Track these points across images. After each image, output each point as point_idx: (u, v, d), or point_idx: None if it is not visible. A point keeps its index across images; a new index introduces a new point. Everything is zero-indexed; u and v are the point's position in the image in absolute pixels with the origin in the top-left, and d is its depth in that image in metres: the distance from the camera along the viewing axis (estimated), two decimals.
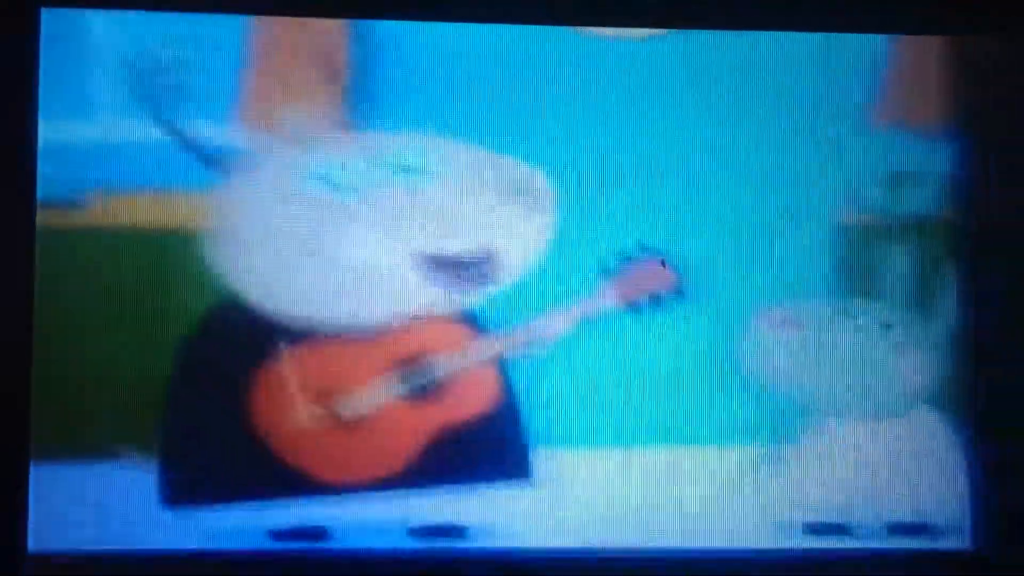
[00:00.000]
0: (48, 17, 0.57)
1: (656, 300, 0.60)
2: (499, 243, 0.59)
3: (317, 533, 0.57)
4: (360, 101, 0.59)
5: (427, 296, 0.58)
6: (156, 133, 0.57)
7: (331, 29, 0.59)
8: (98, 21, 0.57)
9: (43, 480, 0.56)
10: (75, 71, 0.57)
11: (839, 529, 0.59)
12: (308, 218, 0.58)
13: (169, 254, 0.57)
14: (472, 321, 0.59)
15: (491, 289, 0.59)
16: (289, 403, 0.57)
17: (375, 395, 0.58)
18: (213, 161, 0.58)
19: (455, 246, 0.59)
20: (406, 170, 0.59)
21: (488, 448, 0.58)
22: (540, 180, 0.59)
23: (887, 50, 0.61)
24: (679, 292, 0.60)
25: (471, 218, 0.59)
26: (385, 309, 0.58)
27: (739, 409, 0.59)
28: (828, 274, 0.60)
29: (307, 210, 0.58)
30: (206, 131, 0.57)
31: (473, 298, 0.58)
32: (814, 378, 0.60)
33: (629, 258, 0.59)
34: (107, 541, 0.56)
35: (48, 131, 0.56)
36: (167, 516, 0.56)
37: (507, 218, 0.59)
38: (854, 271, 0.60)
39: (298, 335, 0.57)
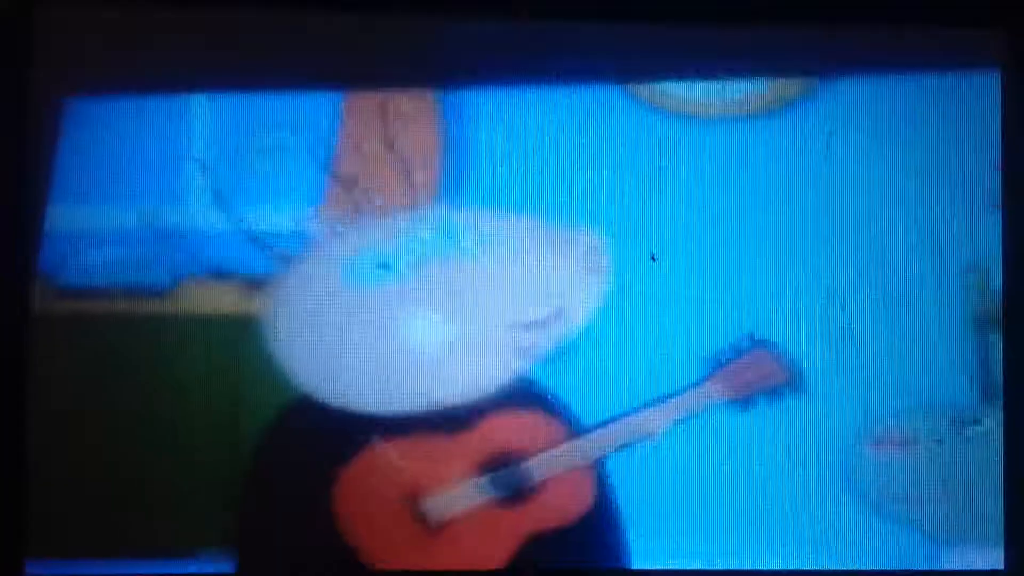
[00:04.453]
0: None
1: (773, 394, 0.55)
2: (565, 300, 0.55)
3: None
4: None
5: (505, 368, 0.54)
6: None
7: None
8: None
9: None
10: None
11: None
12: (366, 304, 0.54)
13: (242, 345, 0.54)
14: (566, 415, 0.55)
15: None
16: (372, 505, 0.54)
17: (463, 496, 0.54)
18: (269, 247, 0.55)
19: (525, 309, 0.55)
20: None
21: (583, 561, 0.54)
22: (591, 240, 0.55)
23: None
24: (795, 389, 0.56)
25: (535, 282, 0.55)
26: (463, 392, 0.54)
27: (854, 531, 0.55)
28: (966, 378, 0.56)
29: (363, 296, 0.54)
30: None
31: (566, 389, 0.55)
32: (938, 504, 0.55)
33: (739, 350, 0.55)
34: None
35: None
36: None
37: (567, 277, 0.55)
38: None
39: (381, 431, 0.54)
